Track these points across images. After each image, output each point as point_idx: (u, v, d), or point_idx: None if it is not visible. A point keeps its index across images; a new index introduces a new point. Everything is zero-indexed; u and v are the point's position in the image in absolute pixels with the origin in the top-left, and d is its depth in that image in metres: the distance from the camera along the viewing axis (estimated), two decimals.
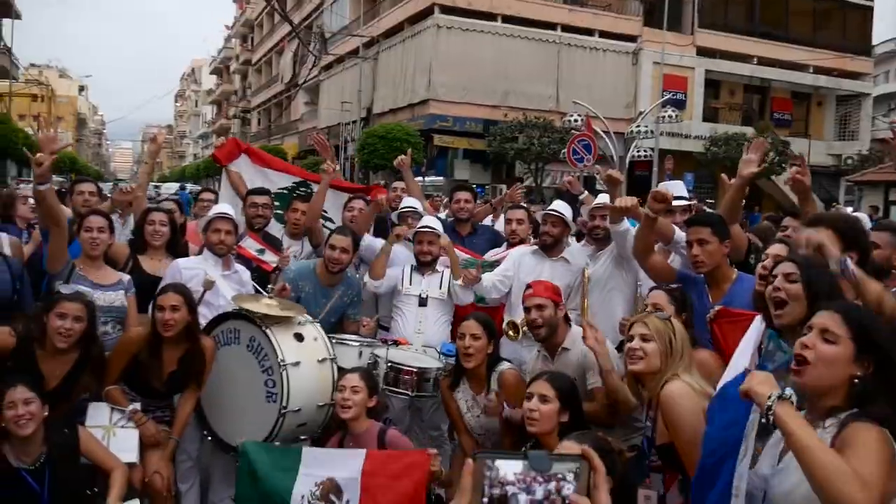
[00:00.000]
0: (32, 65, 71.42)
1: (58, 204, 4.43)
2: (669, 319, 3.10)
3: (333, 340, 4.47)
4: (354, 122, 30.97)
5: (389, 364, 4.34)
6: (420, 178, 27.80)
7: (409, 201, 5.82)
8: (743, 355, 2.84)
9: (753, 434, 2.28)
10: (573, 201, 5.80)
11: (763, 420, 2.05)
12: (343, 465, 3.65)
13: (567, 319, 4.09)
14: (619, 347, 3.89)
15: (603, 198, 5.12)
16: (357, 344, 4.59)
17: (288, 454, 3.78)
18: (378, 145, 24.34)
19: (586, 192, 6.13)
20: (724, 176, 4.45)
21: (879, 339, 2.19)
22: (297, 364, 4.01)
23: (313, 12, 41.07)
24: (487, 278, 4.96)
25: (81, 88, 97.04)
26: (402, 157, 6.29)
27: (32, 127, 49.26)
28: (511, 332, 4.31)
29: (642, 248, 4.13)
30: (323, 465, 3.65)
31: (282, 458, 3.76)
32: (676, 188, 5.08)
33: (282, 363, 3.96)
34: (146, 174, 6.04)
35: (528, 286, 4.15)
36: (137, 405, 4.00)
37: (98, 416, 3.88)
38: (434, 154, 27.20)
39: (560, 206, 5.16)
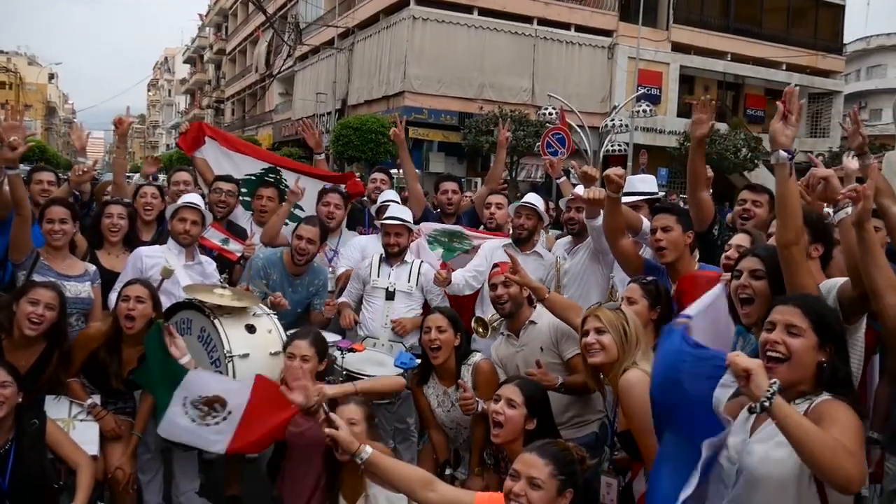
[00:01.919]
0: (0, 51, 70.23)
1: (24, 191, 4.33)
2: (619, 308, 3.14)
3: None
4: (329, 113, 30.77)
5: (345, 372, 4.23)
6: (395, 171, 27.70)
7: (388, 194, 5.74)
8: (703, 307, 2.84)
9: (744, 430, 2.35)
10: (548, 192, 5.81)
11: (752, 407, 2.09)
12: (232, 388, 3.68)
13: (531, 301, 4.07)
14: None
15: (578, 190, 5.11)
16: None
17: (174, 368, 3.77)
18: (352, 137, 24.21)
19: (565, 177, 6.10)
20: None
21: (835, 326, 2.37)
22: (245, 356, 3.92)
23: (288, 2, 40.71)
24: (459, 276, 4.93)
25: (52, 76, 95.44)
26: (395, 129, 6.12)
27: None
28: (480, 330, 4.28)
29: (610, 231, 4.15)
30: (210, 385, 3.67)
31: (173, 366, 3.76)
32: (646, 183, 5.08)
33: (228, 354, 3.87)
34: (121, 159, 5.89)
35: (495, 265, 4.16)
36: (97, 398, 3.93)
37: (57, 409, 3.81)
38: (409, 146, 27.09)
39: (533, 199, 5.14)
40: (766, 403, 2.01)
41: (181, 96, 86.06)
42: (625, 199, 4.59)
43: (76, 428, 3.80)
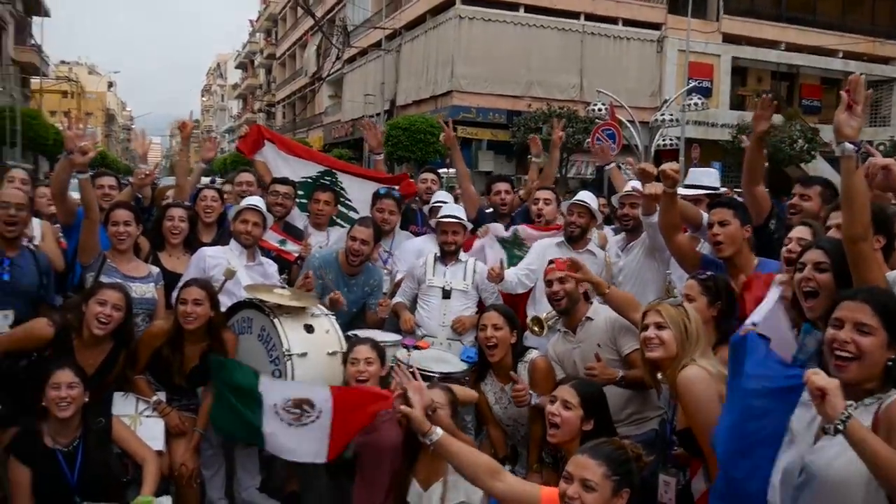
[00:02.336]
0: (62, 62, 72.45)
1: (93, 195, 4.49)
2: (681, 305, 3.10)
3: (355, 339, 4.43)
4: (378, 114, 30.98)
5: (412, 370, 4.26)
6: (444, 170, 27.79)
7: (440, 195, 5.78)
8: (765, 311, 2.80)
9: (809, 435, 2.31)
10: (599, 189, 5.78)
11: (826, 428, 2.07)
12: (313, 390, 3.75)
13: (587, 297, 4.06)
14: None
15: (632, 186, 5.08)
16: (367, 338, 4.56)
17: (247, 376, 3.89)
18: (402, 137, 24.34)
19: (614, 164, 6.05)
20: (744, 137, 4.45)
21: None
22: (303, 355, 4.00)
23: (336, 5, 41.11)
24: (512, 274, 4.92)
25: (110, 84, 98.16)
26: (446, 133, 6.10)
27: (63, 123, 50.05)
28: (535, 328, 4.28)
29: (666, 226, 4.11)
30: (291, 388, 3.76)
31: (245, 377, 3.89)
32: (709, 176, 5.00)
33: (287, 353, 3.96)
34: (184, 161, 6.04)
35: (551, 261, 4.16)
36: (162, 395, 4.06)
37: (124, 406, 3.96)
38: (458, 145, 27.08)
39: (586, 197, 5.12)
40: (841, 427, 1.98)
41: (234, 101, 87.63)
42: (686, 192, 4.55)
43: (142, 424, 3.93)
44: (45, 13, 42.44)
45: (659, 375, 3.12)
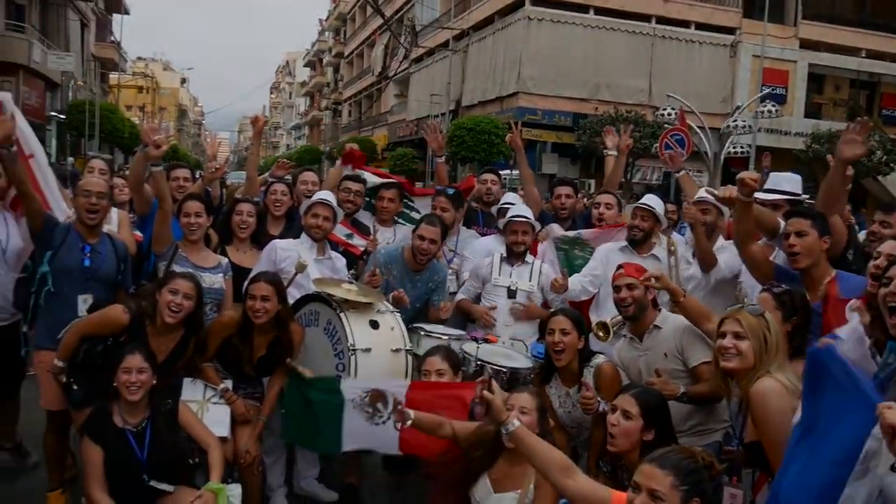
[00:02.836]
0: (139, 58, 74.88)
1: (167, 187, 4.62)
2: (763, 315, 2.99)
3: (422, 332, 4.46)
4: (443, 114, 31.11)
5: (479, 363, 4.25)
6: (507, 172, 27.73)
7: (509, 196, 5.75)
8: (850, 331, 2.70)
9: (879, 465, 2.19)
10: (665, 194, 5.66)
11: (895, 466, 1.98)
12: (391, 383, 3.82)
13: (655, 304, 3.99)
14: None
15: (705, 193, 4.98)
16: (446, 338, 4.53)
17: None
18: (466, 138, 24.41)
19: (684, 171, 5.94)
20: (829, 157, 4.24)
21: None
22: (367, 350, 4.04)
23: (405, 5, 41.47)
24: (575, 281, 4.87)
25: (183, 80, 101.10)
26: (512, 135, 6.11)
27: (139, 117, 51.79)
28: (601, 333, 4.22)
29: (741, 237, 4.00)
30: (369, 382, 3.82)
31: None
32: (791, 182, 4.84)
33: (351, 347, 4.00)
34: (254, 156, 6.16)
35: (619, 266, 4.10)
36: (229, 383, 4.16)
37: (193, 392, 4.06)
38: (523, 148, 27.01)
39: (651, 200, 5.05)
40: None
41: (301, 98, 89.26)
42: (765, 197, 4.42)
43: (209, 410, 4.03)
44: (125, 11, 43.93)
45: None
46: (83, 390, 3.90)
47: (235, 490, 3.74)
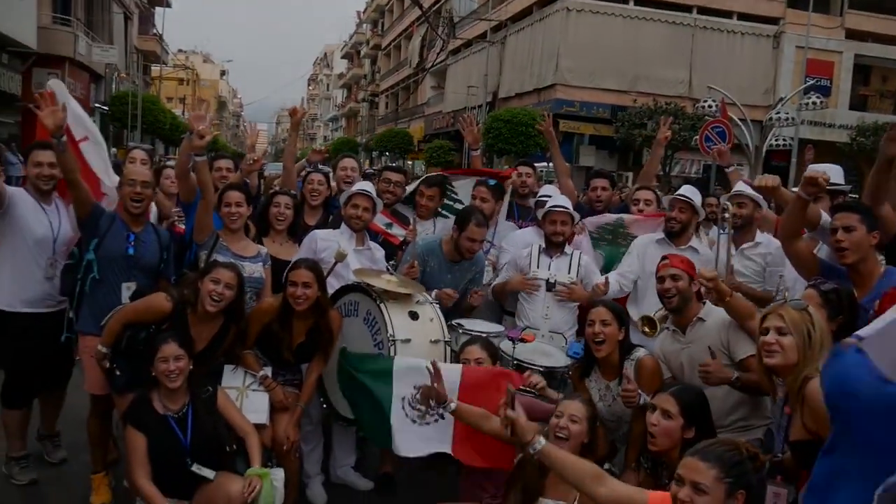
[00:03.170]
0: (180, 50, 75.91)
1: (209, 177, 4.68)
2: (806, 309, 2.91)
3: (460, 330, 4.45)
4: (480, 106, 31.04)
5: (516, 362, 4.24)
6: (544, 164, 27.56)
7: (547, 189, 5.73)
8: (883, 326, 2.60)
9: None
10: (704, 188, 5.57)
11: None
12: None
13: (699, 296, 3.91)
14: None
15: (742, 186, 4.90)
16: (484, 336, 4.47)
17: (380, 362, 3.98)
18: (503, 129, 24.30)
19: (734, 166, 5.84)
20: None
21: None
22: (407, 341, 4.04)
23: None
24: (612, 280, 4.83)
25: (223, 73, 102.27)
26: (545, 124, 6.13)
27: (179, 109, 52.52)
28: (647, 329, 4.12)
29: (789, 232, 3.91)
30: (420, 373, 3.70)
31: (375, 364, 3.98)
32: (833, 173, 4.73)
33: (391, 338, 4.01)
34: (292, 147, 6.18)
35: (664, 258, 4.05)
36: (268, 370, 4.21)
37: (233, 379, 4.13)
38: (559, 139, 26.87)
39: (688, 191, 5.00)
40: None
41: (338, 90, 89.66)
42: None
43: (248, 397, 4.08)
44: (167, 4, 44.52)
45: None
46: (126, 376, 3.98)
47: (279, 474, 3.80)
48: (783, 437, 2.95)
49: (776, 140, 22.31)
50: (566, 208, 4.93)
